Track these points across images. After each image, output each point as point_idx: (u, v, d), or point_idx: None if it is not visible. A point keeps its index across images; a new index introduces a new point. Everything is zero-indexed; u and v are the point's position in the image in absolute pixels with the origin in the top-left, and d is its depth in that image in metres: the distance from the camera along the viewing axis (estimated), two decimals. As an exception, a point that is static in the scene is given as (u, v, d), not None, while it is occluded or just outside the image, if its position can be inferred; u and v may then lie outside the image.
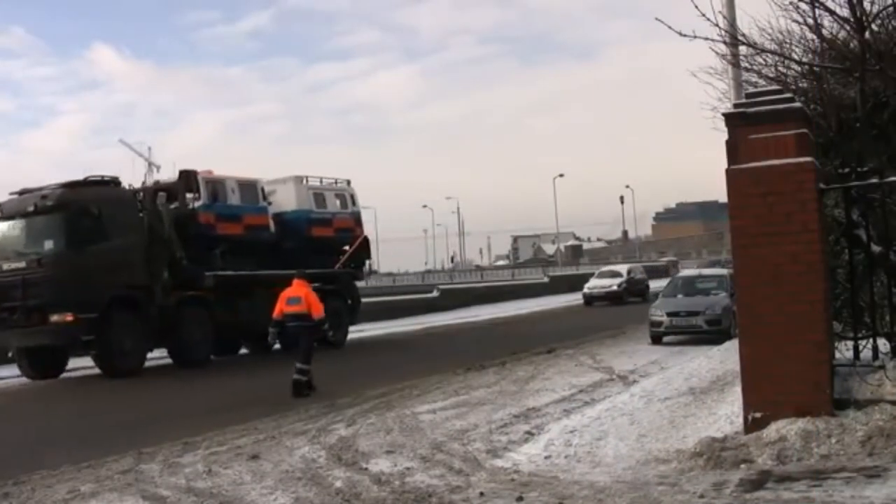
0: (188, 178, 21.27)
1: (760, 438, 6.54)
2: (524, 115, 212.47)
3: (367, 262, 28.05)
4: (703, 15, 7.85)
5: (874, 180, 7.12)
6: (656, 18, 7.95)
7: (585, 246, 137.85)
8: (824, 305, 6.75)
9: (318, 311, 14.43)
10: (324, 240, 24.33)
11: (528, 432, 8.98)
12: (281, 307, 14.51)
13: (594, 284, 41.37)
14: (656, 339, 19.40)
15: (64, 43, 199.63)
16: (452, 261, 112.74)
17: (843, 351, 7.21)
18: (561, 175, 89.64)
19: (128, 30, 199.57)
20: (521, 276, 74.28)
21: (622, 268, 45.54)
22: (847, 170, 7.33)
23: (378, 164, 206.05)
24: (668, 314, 19.50)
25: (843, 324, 7.62)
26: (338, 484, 7.16)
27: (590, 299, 40.23)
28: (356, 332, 29.07)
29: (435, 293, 46.64)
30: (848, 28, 8.17)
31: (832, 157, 8.16)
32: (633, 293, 40.40)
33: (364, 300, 45.64)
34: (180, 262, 19.97)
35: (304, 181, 24.54)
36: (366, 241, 26.05)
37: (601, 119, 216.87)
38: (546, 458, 7.39)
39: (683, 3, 7.84)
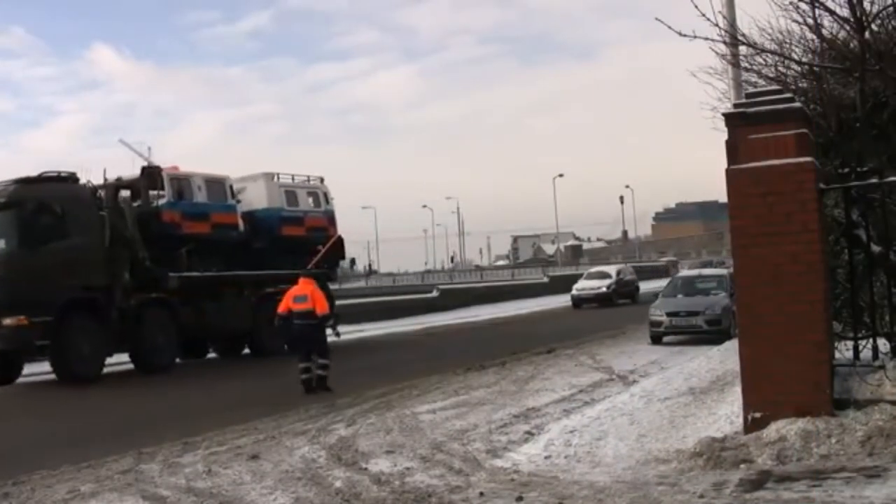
0: (152, 175, 20.41)
1: (760, 438, 6.54)
2: (524, 114, 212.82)
3: (342, 262, 27.08)
4: (703, 15, 7.86)
5: (874, 180, 7.12)
6: (656, 18, 7.96)
7: (585, 246, 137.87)
8: (824, 305, 6.75)
9: (323, 307, 14.77)
10: (295, 239, 23.49)
11: (528, 432, 8.98)
12: (288, 305, 14.80)
13: (583, 286, 40.15)
14: (656, 339, 19.40)
15: (64, 43, 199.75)
16: (452, 261, 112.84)
17: (843, 351, 7.21)
18: (561, 175, 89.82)
19: (127, 30, 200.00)
20: (520, 276, 74.38)
21: (611, 269, 44.20)
22: (847, 170, 7.34)
23: (378, 164, 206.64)
24: (668, 314, 19.50)
25: (843, 324, 7.62)
26: (338, 484, 7.16)
27: (578, 301, 39.04)
28: (356, 332, 29.04)
29: (435, 293, 46.65)
30: (848, 28, 8.17)
31: (832, 157, 8.16)
32: (623, 295, 39.46)
33: (364, 300, 45.83)
34: (143, 262, 19.22)
35: (275, 178, 23.80)
36: (340, 240, 25.01)
37: (601, 119, 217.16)
38: (546, 458, 7.39)
39: (683, 3, 7.85)
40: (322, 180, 25.29)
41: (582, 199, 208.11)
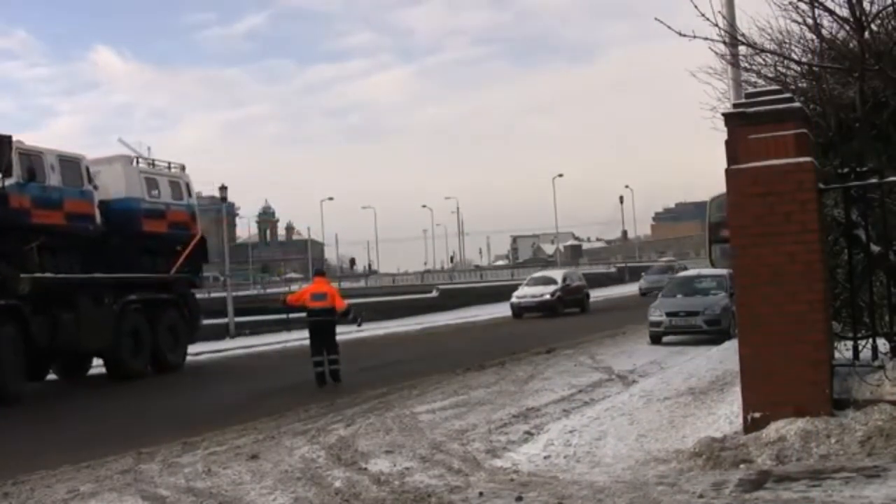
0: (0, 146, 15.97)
1: (760, 438, 6.54)
2: (523, 115, 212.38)
3: (204, 266, 23.22)
4: (703, 15, 7.86)
5: (874, 180, 7.12)
6: (656, 19, 7.97)
7: (585, 246, 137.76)
8: (824, 305, 6.75)
9: (341, 303, 15.88)
10: (157, 236, 19.97)
11: (528, 432, 8.98)
12: (305, 301, 15.71)
13: (523, 293, 35.68)
14: (655, 339, 19.40)
15: (63, 44, 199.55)
16: (452, 261, 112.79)
17: (843, 351, 7.20)
18: (560, 175, 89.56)
19: (126, 31, 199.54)
20: (520, 276, 74.28)
21: (557, 274, 39.20)
22: (846, 170, 7.33)
23: (377, 164, 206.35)
24: (668, 314, 19.52)
25: (843, 324, 7.62)
26: (337, 484, 7.16)
27: (518, 310, 34.72)
28: (356, 331, 28.99)
29: (434, 293, 46.73)
30: (847, 28, 8.17)
31: (832, 157, 8.16)
32: (569, 303, 35.47)
33: (364, 300, 45.95)
34: None
35: (135, 163, 20.52)
36: (203, 241, 21.62)
37: (601, 119, 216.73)
38: (545, 458, 7.39)
39: (683, 4, 7.85)
40: (183, 168, 21.61)
41: (581, 199, 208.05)
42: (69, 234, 17.27)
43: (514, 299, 35.59)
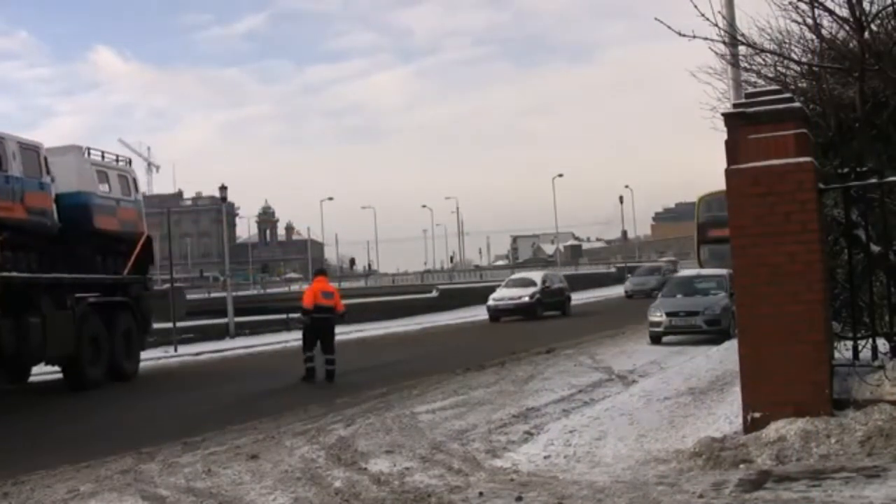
0: None
1: (760, 438, 6.54)
2: (523, 115, 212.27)
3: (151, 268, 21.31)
4: (703, 15, 7.87)
5: (873, 180, 7.12)
6: (656, 18, 7.98)
7: (585, 246, 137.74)
8: (823, 305, 6.75)
9: (341, 305, 16.58)
10: (110, 235, 18.27)
11: (528, 432, 8.97)
12: (316, 299, 15.94)
13: (501, 295, 34.36)
14: (655, 339, 19.41)
15: (64, 44, 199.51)
16: (452, 261, 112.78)
17: (843, 351, 7.20)
18: (560, 175, 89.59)
19: (127, 31, 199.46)
20: (520, 276, 74.22)
21: (536, 275, 37.60)
22: (846, 170, 7.33)
23: (377, 164, 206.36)
24: (668, 314, 19.53)
25: (843, 324, 7.62)
26: (337, 484, 7.15)
27: (495, 313, 33.41)
28: (356, 332, 29.02)
29: (434, 293, 46.72)
30: (847, 28, 8.18)
31: (832, 157, 8.16)
32: (549, 306, 34.15)
33: (364, 300, 45.98)
34: None
35: (87, 154, 18.35)
36: (149, 241, 20.10)
37: (600, 119, 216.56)
38: (545, 457, 7.39)
39: (683, 4, 7.86)
40: (130, 163, 20.23)
41: (582, 199, 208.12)
42: (28, 231, 15.68)
43: (490, 301, 34.44)
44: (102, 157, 18.69)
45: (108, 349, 17.33)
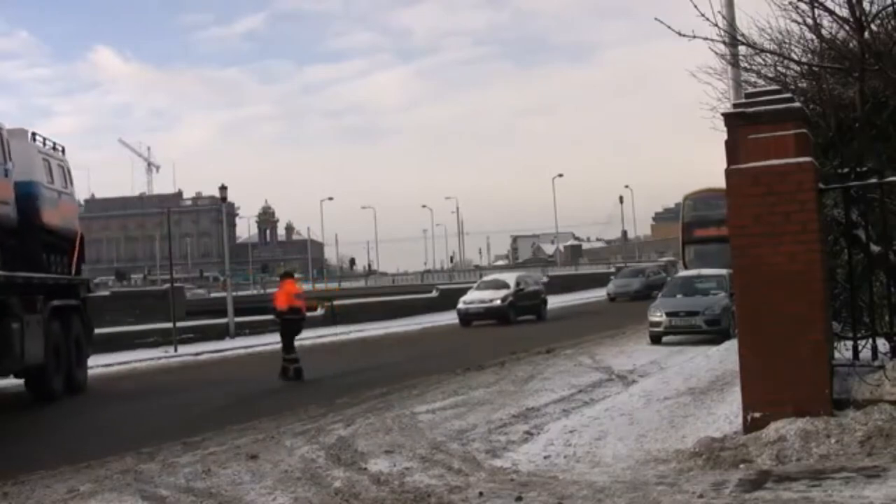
0: None
1: (759, 438, 6.54)
2: (522, 115, 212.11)
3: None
4: (703, 15, 7.87)
5: (873, 180, 7.12)
6: (656, 19, 7.99)
7: (585, 246, 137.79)
8: (823, 305, 6.75)
9: (305, 307, 17.80)
10: (53, 231, 16.09)
11: (528, 432, 8.97)
12: (290, 301, 16.88)
13: (472, 298, 32.36)
14: (655, 339, 19.42)
15: (64, 44, 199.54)
16: (452, 261, 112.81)
17: (843, 351, 7.20)
18: (560, 175, 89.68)
19: (127, 31, 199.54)
20: (520, 276, 74.26)
21: (509, 277, 35.40)
22: (846, 170, 7.34)
23: (377, 164, 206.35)
24: (668, 314, 19.54)
25: (843, 324, 7.62)
26: (337, 484, 7.15)
27: (466, 317, 31.54)
28: (356, 331, 29.04)
29: (434, 293, 46.70)
30: (847, 28, 8.18)
31: (832, 157, 8.17)
32: (522, 310, 32.25)
33: (364, 300, 45.93)
34: None
35: (34, 139, 16.00)
36: (83, 239, 18.08)
37: (600, 119, 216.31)
38: (545, 457, 7.39)
39: (683, 4, 7.86)
40: (64, 151, 17.52)
41: (581, 199, 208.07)
42: None
43: (461, 305, 32.29)
44: (44, 143, 16.38)
45: (66, 356, 15.50)
